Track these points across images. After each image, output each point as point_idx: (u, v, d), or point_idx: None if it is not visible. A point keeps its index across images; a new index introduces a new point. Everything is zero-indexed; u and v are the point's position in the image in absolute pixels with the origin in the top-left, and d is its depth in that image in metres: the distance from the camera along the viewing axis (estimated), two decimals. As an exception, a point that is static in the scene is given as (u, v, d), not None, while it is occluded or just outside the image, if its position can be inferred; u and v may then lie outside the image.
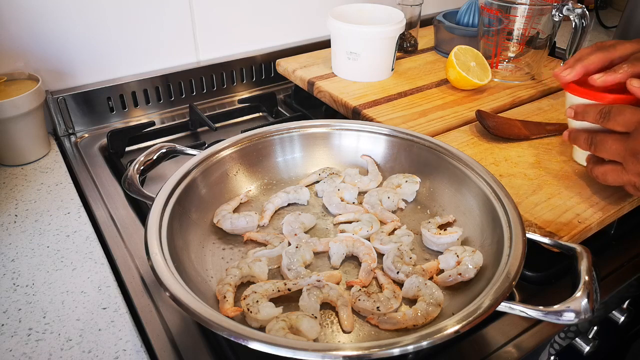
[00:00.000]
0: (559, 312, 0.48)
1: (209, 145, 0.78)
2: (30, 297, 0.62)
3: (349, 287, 0.61)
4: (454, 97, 0.98)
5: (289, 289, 0.59)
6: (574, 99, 0.70)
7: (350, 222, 0.71)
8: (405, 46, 1.18)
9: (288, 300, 0.59)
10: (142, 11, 0.99)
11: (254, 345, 0.45)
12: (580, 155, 0.75)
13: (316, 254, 0.66)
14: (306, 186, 0.78)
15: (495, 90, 1.01)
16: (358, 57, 1.01)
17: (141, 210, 0.78)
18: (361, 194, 0.77)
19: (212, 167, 0.73)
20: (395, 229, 0.70)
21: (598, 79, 0.66)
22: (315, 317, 0.55)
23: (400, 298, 0.59)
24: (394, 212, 0.73)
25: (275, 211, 0.74)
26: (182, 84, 1.08)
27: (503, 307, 0.50)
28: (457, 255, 0.62)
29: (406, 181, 0.75)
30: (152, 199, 0.63)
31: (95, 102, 1.00)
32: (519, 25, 0.99)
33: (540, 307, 0.49)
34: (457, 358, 0.57)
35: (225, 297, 0.57)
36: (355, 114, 0.94)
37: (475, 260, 0.61)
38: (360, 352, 0.44)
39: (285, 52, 1.17)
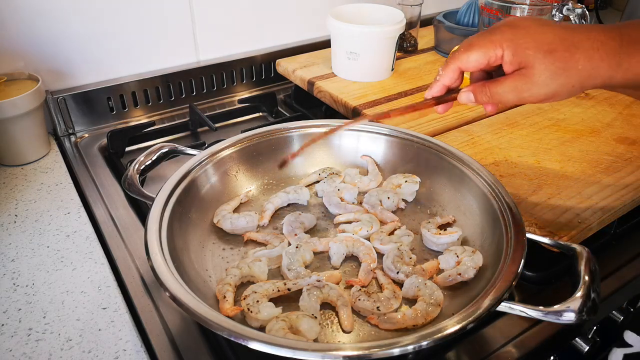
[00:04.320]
0: (559, 312, 0.48)
1: (209, 145, 0.78)
2: (30, 297, 0.62)
3: (349, 286, 0.61)
4: (454, 97, 0.98)
5: (289, 289, 0.59)
6: None
7: (350, 222, 0.71)
8: (405, 46, 1.18)
9: (288, 300, 0.59)
10: (142, 11, 0.99)
11: (254, 345, 0.45)
12: None
13: (316, 254, 0.66)
14: (306, 186, 0.78)
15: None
16: (358, 57, 1.01)
17: (141, 210, 0.78)
18: (361, 194, 0.77)
19: (212, 167, 0.73)
20: (395, 229, 0.70)
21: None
22: (315, 317, 0.55)
23: (400, 298, 0.59)
24: (394, 212, 0.73)
25: (275, 211, 0.74)
26: (182, 84, 1.08)
27: (503, 307, 0.50)
28: (457, 255, 0.62)
29: (406, 181, 0.75)
30: (152, 199, 0.63)
31: (95, 102, 1.00)
32: (519, 25, 0.99)
33: (540, 307, 0.49)
34: (457, 358, 0.57)
35: (225, 297, 0.57)
36: (355, 114, 0.93)
37: (475, 260, 0.61)
38: (360, 352, 0.44)
39: (285, 52, 1.17)
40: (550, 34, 0.52)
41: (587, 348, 0.69)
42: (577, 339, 0.69)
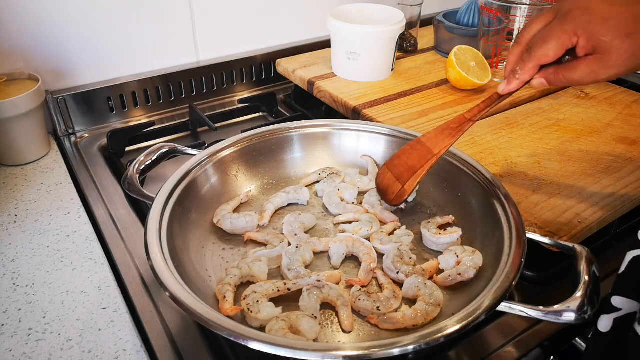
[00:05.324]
0: (559, 312, 0.49)
1: (209, 145, 0.78)
2: (30, 297, 0.62)
3: (349, 286, 0.61)
4: (454, 97, 0.98)
5: (289, 289, 0.59)
6: None
7: (350, 222, 0.71)
8: (405, 46, 1.18)
9: (288, 300, 0.59)
10: (142, 11, 0.99)
11: (254, 345, 0.45)
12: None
13: (316, 254, 0.66)
14: (306, 186, 0.78)
15: (495, 90, 1.00)
16: (358, 57, 1.01)
17: (141, 210, 0.78)
18: (361, 194, 0.77)
19: (212, 167, 0.73)
20: (395, 229, 0.70)
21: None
22: (315, 317, 0.55)
23: (400, 298, 0.59)
24: (394, 212, 0.73)
25: (275, 211, 0.74)
26: (182, 84, 1.08)
27: (503, 307, 0.50)
28: (457, 255, 0.62)
29: (406, 181, 0.75)
30: (152, 199, 0.63)
31: (95, 102, 1.00)
32: (519, 25, 0.99)
33: (540, 307, 0.49)
34: (457, 358, 0.57)
35: (225, 297, 0.57)
36: (355, 114, 0.93)
37: (475, 260, 0.61)
38: (360, 352, 0.44)
39: (285, 52, 1.17)
40: (624, 14, 0.52)
41: (587, 348, 0.69)
42: (577, 339, 0.69)
